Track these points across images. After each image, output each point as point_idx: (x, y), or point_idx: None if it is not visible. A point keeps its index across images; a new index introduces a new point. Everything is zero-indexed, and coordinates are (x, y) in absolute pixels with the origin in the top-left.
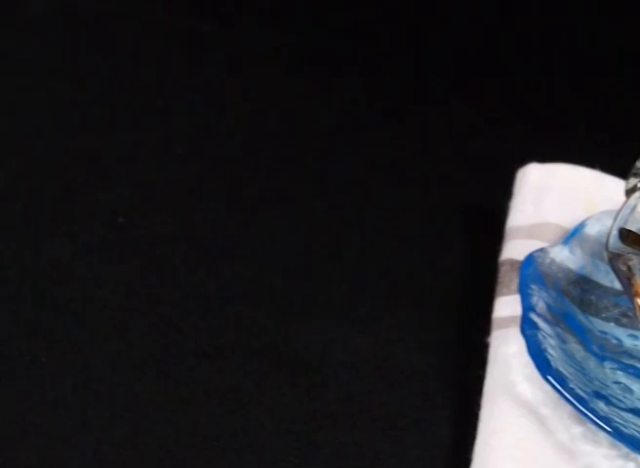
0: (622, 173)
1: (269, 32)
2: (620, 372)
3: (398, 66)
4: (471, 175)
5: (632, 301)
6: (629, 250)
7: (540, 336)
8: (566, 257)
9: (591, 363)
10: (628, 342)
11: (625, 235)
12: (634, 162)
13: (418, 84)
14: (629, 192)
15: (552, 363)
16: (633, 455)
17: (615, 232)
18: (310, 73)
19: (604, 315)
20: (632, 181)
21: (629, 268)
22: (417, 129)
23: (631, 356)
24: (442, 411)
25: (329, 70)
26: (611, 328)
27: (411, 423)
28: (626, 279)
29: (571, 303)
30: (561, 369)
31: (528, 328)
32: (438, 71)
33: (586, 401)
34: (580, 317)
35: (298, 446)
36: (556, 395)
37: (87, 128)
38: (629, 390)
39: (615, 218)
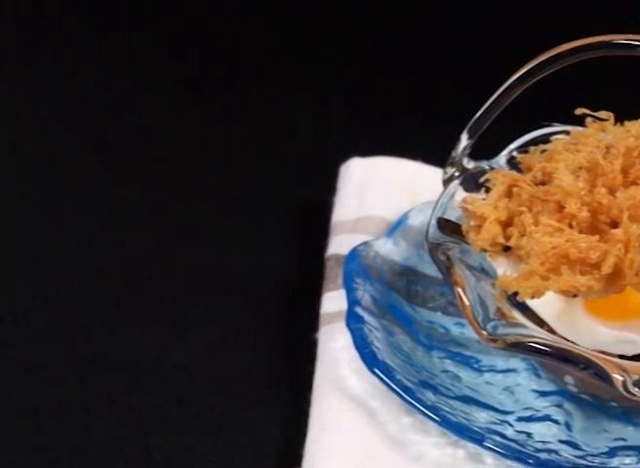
0: (444, 163)
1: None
2: (447, 361)
3: (222, 61)
4: (296, 172)
5: (453, 291)
6: (448, 239)
7: (366, 330)
8: (390, 250)
9: (419, 353)
10: (455, 330)
11: (444, 224)
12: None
13: (240, 80)
14: (447, 182)
15: (379, 355)
16: (463, 443)
17: (433, 222)
18: (131, 73)
19: (430, 305)
20: (449, 171)
21: (448, 258)
22: (240, 126)
23: (458, 344)
24: (273, 410)
25: (150, 69)
26: (438, 317)
27: (242, 424)
28: (446, 268)
29: (397, 295)
30: (388, 361)
31: (353, 321)
32: (259, 67)
33: (414, 391)
34: (407, 308)
35: (129, 451)
36: (384, 387)
37: None
38: (457, 378)
39: (433, 209)
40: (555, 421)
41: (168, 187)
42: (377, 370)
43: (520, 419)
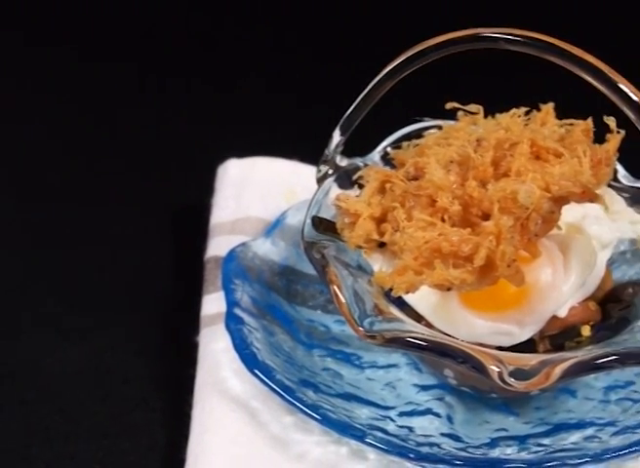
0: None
1: None
2: (328, 359)
3: (96, 61)
4: (173, 174)
5: (328, 289)
6: (324, 237)
7: (246, 331)
8: (269, 250)
9: (300, 352)
10: (336, 328)
11: (318, 223)
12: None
13: (117, 81)
14: (320, 180)
15: (259, 356)
16: (345, 440)
17: (308, 221)
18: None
19: (310, 303)
20: (323, 169)
21: (323, 256)
22: (116, 127)
23: (339, 341)
24: (156, 415)
25: (17, 68)
26: (318, 315)
27: (125, 429)
28: (321, 267)
29: (276, 295)
30: (268, 361)
31: (233, 323)
32: (135, 68)
33: (294, 390)
34: (287, 307)
35: (10, 463)
36: (266, 387)
37: None
38: (339, 375)
39: (308, 208)
40: (437, 414)
41: (42, 191)
42: (257, 371)
43: (402, 414)
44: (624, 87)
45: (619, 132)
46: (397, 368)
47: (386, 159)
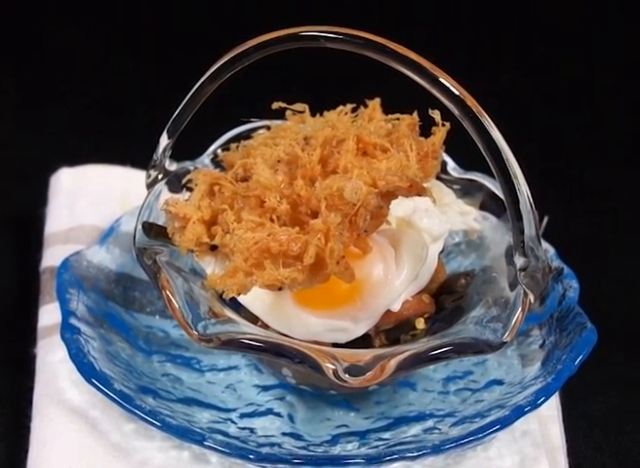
0: None
1: None
2: (168, 364)
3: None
4: (6, 186)
5: (161, 294)
6: (156, 243)
7: (83, 340)
8: (104, 258)
9: (139, 359)
10: (175, 333)
11: (149, 229)
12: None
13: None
14: (150, 185)
15: (96, 365)
16: (187, 445)
17: (139, 227)
18: None
19: (148, 309)
20: (152, 174)
21: (155, 262)
22: None
23: (179, 346)
24: None
25: None
26: (156, 321)
27: None
28: (153, 273)
29: (113, 303)
30: (106, 370)
31: (68, 333)
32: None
33: (133, 398)
34: (125, 315)
35: None
36: (105, 396)
37: None
38: (179, 380)
39: (138, 214)
40: (278, 414)
41: None
42: (94, 381)
43: (243, 416)
44: (445, 81)
45: (444, 124)
46: (237, 369)
47: (216, 161)
